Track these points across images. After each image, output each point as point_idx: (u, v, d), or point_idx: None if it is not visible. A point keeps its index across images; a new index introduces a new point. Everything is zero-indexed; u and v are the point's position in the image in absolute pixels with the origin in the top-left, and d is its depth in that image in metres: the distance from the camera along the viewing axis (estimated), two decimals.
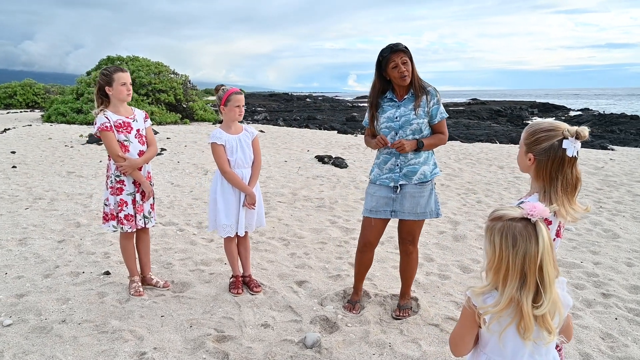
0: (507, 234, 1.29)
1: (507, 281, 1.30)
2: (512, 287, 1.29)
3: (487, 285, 1.35)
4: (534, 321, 1.30)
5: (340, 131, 16.21)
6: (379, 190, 2.95)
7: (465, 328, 1.42)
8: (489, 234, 1.35)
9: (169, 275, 3.59)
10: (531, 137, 1.77)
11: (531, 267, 1.28)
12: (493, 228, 1.34)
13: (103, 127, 2.98)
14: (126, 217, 3.10)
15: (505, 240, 1.29)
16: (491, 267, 1.34)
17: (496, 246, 1.31)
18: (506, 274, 1.30)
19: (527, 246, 1.27)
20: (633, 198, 6.59)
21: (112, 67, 3.03)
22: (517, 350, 1.36)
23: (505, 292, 1.30)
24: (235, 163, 3.17)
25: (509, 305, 1.30)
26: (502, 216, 1.33)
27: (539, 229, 1.29)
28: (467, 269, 3.91)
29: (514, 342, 1.35)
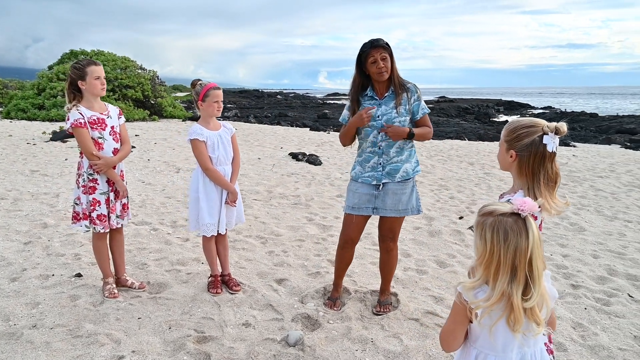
0: (499, 229, 1.32)
1: (498, 275, 1.32)
2: (503, 282, 1.31)
3: (478, 280, 1.37)
4: (523, 314, 1.33)
5: (312, 128, 16.20)
6: (361, 187, 2.95)
7: (456, 323, 1.44)
8: (479, 229, 1.37)
9: (144, 276, 3.49)
10: (512, 134, 1.81)
11: (521, 261, 1.31)
12: (484, 223, 1.36)
13: (77, 124, 2.86)
14: (99, 217, 3.00)
15: (497, 235, 1.32)
16: (482, 261, 1.36)
17: (487, 241, 1.33)
18: (497, 268, 1.32)
19: (518, 241, 1.30)
20: (596, 193, 6.87)
21: (84, 60, 2.91)
22: (508, 342, 1.39)
23: (496, 287, 1.32)
24: (217, 160, 3.11)
25: (500, 299, 1.32)
26: (493, 211, 1.35)
27: (529, 223, 1.31)
28: (443, 263, 3.98)
29: (504, 335, 1.38)
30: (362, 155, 2.97)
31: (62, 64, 16.60)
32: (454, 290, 1.48)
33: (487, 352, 1.42)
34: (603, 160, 10.15)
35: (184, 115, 17.13)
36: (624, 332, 2.91)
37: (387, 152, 2.88)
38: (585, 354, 2.65)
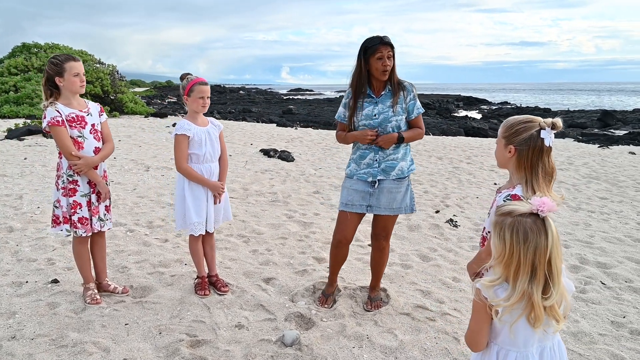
0: (518, 230, 1.34)
1: (519, 275, 1.35)
2: (523, 282, 1.34)
3: (498, 279, 1.40)
4: (543, 312, 1.37)
5: (279, 124, 16.09)
6: (356, 184, 2.94)
7: (481, 322, 1.46)
8: (498, 230, 1.39)
9: (125, 279, 3.36)
10: (510, 129, 1.86)
11: (541, 260, 1.34)
12: (502, 224, 1.38)
13: (54, 122, 2.70)
14: (80, 220, 2.85)
15: (517, 236, 1.34)
16: (501, 261, 1.38)
17: (507, 242, 1.36)
18: (517, 268, 1.35)
19: (538, 241, 1.33)
20: (558, 185, 7.17)
21: (62, 56, 2.75)
22: (528, 338, 1.43)
23: (517, 286, 1.35)
24: (204, 157, 3.03)
25: (521, 299, 1.35)
26: (511, 212, 1.38)
27: (548, 223, 1.35)
28: (426, 257, 4.05)
29: (524, 331, 1.42)
30: (357, 152, 2.96)
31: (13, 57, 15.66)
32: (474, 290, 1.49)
33: (509, 348, 1.45)
34: (561, 154, 10.62)
35: (146, 111, 16.58)
36: (601, 318, 3.06)
37: (383, 150, 2.88)
38: (569, 341, 2.77)
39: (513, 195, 1.81)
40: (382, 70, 2.78)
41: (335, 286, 3.24)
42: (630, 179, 7.79)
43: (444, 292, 3.39)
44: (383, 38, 2.78)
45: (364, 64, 2.83)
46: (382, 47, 2.76)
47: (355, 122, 2.91)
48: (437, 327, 2.88)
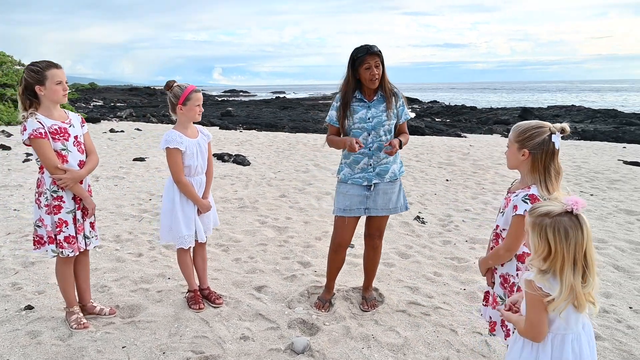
0: (559, 229, 1.47)
1: (564, 270, 1.48)
2: (569, 275, 1.48)
3: (547, 273, 1.52)
4: (584, 298, 1.51)
5: (222, 127, 15.78)
6: (352, 189, 2.99)
7: (539, 313, 1.56)
8: (538, 230, 1.51)
9: (108, 299, 3.16)
10: (523, 134, 2.01)
11: (579, 253, 1.48)
12: (542, 224, 1.51)
13: (36, 134, 2.48)
14: (67, 239, 2.64)
15: (559, 235, 1.47)
16: (544, 258, 1.51)
17: (550, 241, 1.49)
18: (562, 264, 1.48)
19: (577, 236, 1.47)
20: (502, 178, 7.74)
21: (43, 62, 2.53)
22: (576, 321, 1.57)
23: (564, 281, 1.48)
24: (195, 170, 2.93)
25: (571, 292, 1.48)
26: (549, 213, 1.51)
27: (582, 220, 1.49)
28: (404, 254, 4.20)
29: (573, 315, 1.56)
30: (350, 156, 3.00)
31: None
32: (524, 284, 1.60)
33: (563, 332, 1.58)
34: (495, 149, 11.40)
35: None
36: None
37: (376, 153, 2.95)
38: None
39: (531, 195, 1.96)
40: (370, 79, 2.87)
41: (332, 293, 3.27)
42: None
43: (430, 287, 3.55)
44: (370, 48, 2.86)
45: (352, 74, 2.92)
46: (369, 57, 2.84)
47: (348, 126, 2.96)
48: (434, 321, 3.02)
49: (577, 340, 1.59)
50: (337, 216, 3.06)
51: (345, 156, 3.05)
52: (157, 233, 4.52)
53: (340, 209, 3.01)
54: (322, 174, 7.65)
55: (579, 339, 1.59)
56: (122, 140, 10.73)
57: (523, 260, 2.06)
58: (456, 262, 4.06)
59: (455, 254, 4.22)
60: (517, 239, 2.00)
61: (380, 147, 2.94)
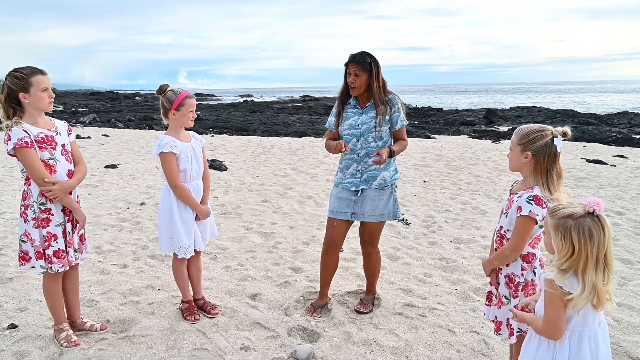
0: (584, 230, 1.52)
1: (587, 269, 1.53)
2: (592, 274, 1.52)
3: (568, 272, 1.56)
4: (604, 295, 1.56)
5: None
6: (341, 192, 3.05)
7: (558, 311, 1.59)
8: (562, 231, 1.56)
9: (97, 314, 3.03)
10: (526, 137, 2.07)
11: (601, 253, 1.54)
12: (566, 225, 1.55)
13: (22, 144, 2.35)
14: (56, 254, 2.51)
15: (583, 236, 1.52)
16: (568, 258, 1.55)
17: (574, 241, 1.53)
18: (585, 263, 1.53)
19: (600, 236, 1.52)
20: (476, 178, 7.94)
21: (27, 69, 2.40)
22: (593, 319, 1.62)
23: (586, 280, 1.53)
24: (190, 175, 2.86)
25: (593, 290, 1.53)
26: (572, 214, 1.55)
27: (603, 220, 1.54)
28: (393, 257, 4.24)
29: (591, 313, 1.60)
30: (342, 162, 3.07)
31: None
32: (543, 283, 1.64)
33: (580, 330, 1.62)
34: (466, 150, 11.70)
35: None
36: None
37: (365, 160, 2.97)
38: None
39: (534, 196, 2.02)
40: (350, 86, 2.91)
41: (326, 299, 3.25)
42: None
43: (422, 288, 3.59)
44: (353, 56, 2.89)
45: (345, 80, 2.97)
46: (351, 64, 2.88)
47: (340, 132, 3.02)
48: (431, 322, 3.06)
49: (593, 337, 1.64)
50: (328, 217, 3.09)
51: (340, 161, 3.12)
52: (139, 243, 4.38)
53: (331, 210, 3.08)
54: (302, 177, 7.63)
55: (595, 336, 1.64)
56: (90, 147, 10.35)
57: (528, 260, 2.12)
58: (444, 262, 4.13)
59: (443, 255, 4.30)
60: (522, 239, 2.05)
61: (368, 154, 2.94)
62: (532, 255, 2.12)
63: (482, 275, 3.83)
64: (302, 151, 10.66)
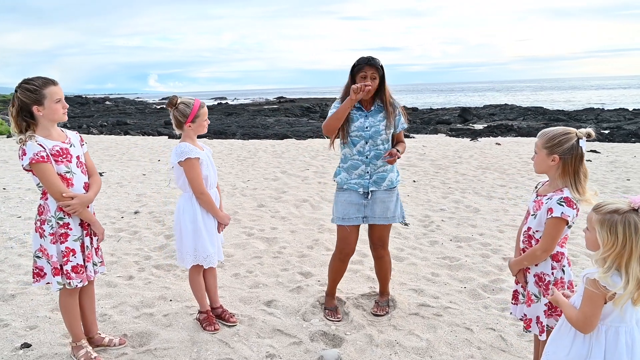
0: (630, 224, 1.59)
1: (631, 262, 1.59)
2: (637, 268, 1.59)
3: (610, 269, 1.63)
4: None
5: (170, 136, 15.24)
6: (349, 196, 3.02)
7: (597, 308, 1.66)
8: (607, 226, 1.62)
9: (112, 329, 2.96)
10: (552, 141, 2.13)
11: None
12: (612, 220, 1.61)
13: (38, 158, 2.27)
14: (74, 269, 2.44)
15: (629, 229, 1.59)
16: (612, 252, 1.61)
17: (619, 235, 1.59)
18: (629, 257, 1.59)
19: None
20: (463, 177, 8.09)
21: (39, 80, 2.32)
22: (631, 315, 1.69)
23: (631, 273, 1.59)
24: (210, 182, 2.83)
25: (637, 284, 1.59)
26: (617, 210, 1.62)
27: None
28: (398, 257, 4.29)
29: (630, 309, 1.67)
30: (348, 162, 3.03)
31: None
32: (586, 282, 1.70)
33: (617, 325, 1.69)
34: (447, 148, 11.91)
35: (7, 130, 14.29)
36: None
37: (374, 161, 3.00)
38: None
39: (565, 197, 2.08)
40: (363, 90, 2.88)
41: (336, 298, 3.28)
42: (511, 167, 9.07)
43: (432, 287, 3.65)
44: (370, 59, 2.91)
45: (351, 81, 2.96)
46: (367, 67, 2.89)
47: (347, 129, 2.97)
48: (447, 321, 3.11)
49: (629, 333, 1.71)
50: (338, 225, 3.07)
51: (343, 160, 3.07)
52: (141, 253, 4.29)
53: (339, 217, 3.04)
54: (293, 181, 7.62)
55: (631, 333, 1.71)
56: None
57: (557, 259, 2.18)
58: (448, 261, 4.20)
59: (446, 254, 4.37)
60: (554, 240, 2.11)
61: (377, 156, 2.98)
62: (561, 255, 2.19)
63: (487, 272, 3.93)
64: (288, 154, 10.64)
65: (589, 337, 1.73)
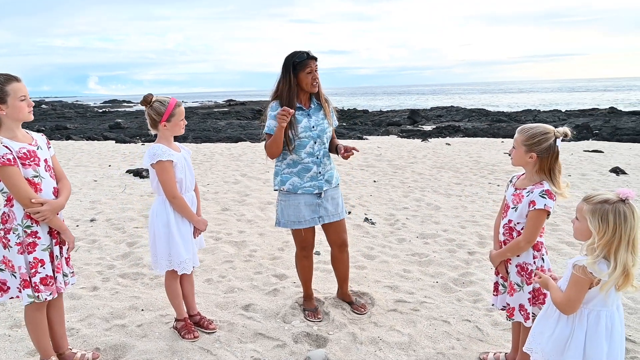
0: (619, 213, 1.71)
1: (619, 249, 1.71)
2: (624, 255, 1.70)
3: (599, 257, 1.73)
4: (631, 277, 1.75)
5: (118, 140, 14.59)
6: (303, 199, 2.98)
7: (582, 292, 1.77)
8: (599, 214, 1.73)
9: (82, 343, 2.78)
10: (532, 139, 2.23)
11: (632, 235, 1.72)
12: (603, 209, 1.72)
13: (4, 161, 2.10)
14: (43, 281, 2.26)
15: (619, 218, 1.70)
16: (603, 239, 1.71)
17: (610, 223, 1.71)
18: (619, 244, 1.71)
19: (631, 220, 1.71)
20: (420, 176, 8.33)
21: (1, 77, 2.14)
22: (613, 300, 1.81)
23: (618, 260, 1.70)
24: (185, 186, 2.73)
25: (624, 270, 1.70)
26: (607, 200, 1.74)
27: (633, 207, 1.74)
28: (369, 256, 4.34)
29: (612, 295, 1.78)
30: (298, 165, 2.96)
31: None
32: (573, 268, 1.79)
33: (599, 309, 1.80)
34: (401, 149, 12.22)
35: None
36: None
37: (323, 161, 3.02)
38: None
39: (546, 190, 2.19)
40: (312, 83, 2.91)
41: (314, 300, 3.26)
42: (464, 165, 9.46)
43: (406, 283, 3.72)
44: (309, 53, 2.90)
45: (294, 79, 2.89)
46: (311, 61, 2.89)
47: (292, 135, 2.89)
48: (425, 315, 3.18)
49: (610, 317, 1.83)
50: (292, 230, 3.06)
51: (290, 165, 2.98)
52: (104, 262, 4.06)
53: (293, 221, 2.99)
54: (254, 183, 7.52)
55: (612, 317, 1.83)
56: None
57: (538, 248, 2.29)
58: (418, 257, 4.31)
59: (414, 250, 4.48)
60: (536, 230, 2.22)
61: (325, 155, 3.01)
62: (541, 244, 2.31)
63: (455, 267, 4.06)
64: (245, 157, 10.49)
65: (572, 319, 1.84)
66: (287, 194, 2.99)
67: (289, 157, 2.97)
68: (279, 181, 3.03)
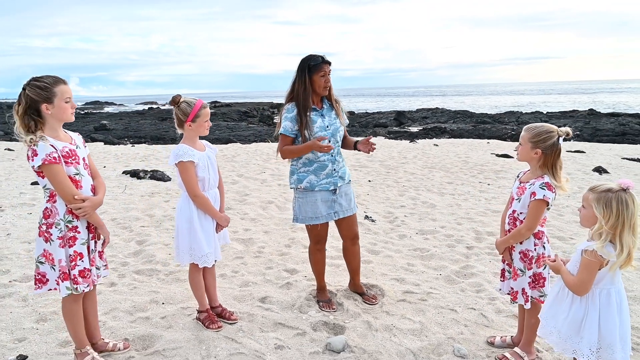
0: (622, 200, 1.92)
1: (624, 234, 1.92)
2: (628, 238, 1.92)
3: (605, 240, 1.94)
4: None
5: (106, 142, 14.52)
6: (320, 195, 3.14)
7: (593, 274, 1.97)
8: (603, 202, 1.94)
9: (110, 334, 2.89)
10: (538, 137, 2.45)
11: (633, 220, 1.94)
12: (607, 197, 1.94)
13: (51, 159, 2.21)
14: (81, 274, 2.38)
15: (621, 204, 1.92)
16: (608, 224, 1.92)
17: (613, 209, 1.92)
18: (622, 228, 1.92)
19: (632, 207, 1.93)
20: (413, 176, 8.56)
21: (49, 78, 2.26)
22: (619, 278, 2.02)
23: (624, 242, 1.92)
24: (208, 184, 2.86)
25: (628, 252, 1.92)
26: (610, 189, 1.95)
27: (633, 195, 1.96)
28: (374, 251, 4.53)
29: (618, 273, 2.00)
30: (314, 164, 3.10)
31: None
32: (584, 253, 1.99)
33: (609, 287, 2.02)
34: (391, 150, 12.46)
35: None
36: None
37: (337, 159, 3.21)
38: None
39: (546, 183, 2.40)
40: (324, 86, 3.08)
41: (328, 292, 3.43)
42: (454, 165, 9.73)
43: (411, 276, 3.92)
44: (324, 57, 3.08)
45: (309, 80, 3.06)
46: (325, 65, 3.07)
47: (308, 135, 3.05)
48: (433, 304, 3.38)
49: (618, 293, 2.05)
50: (307, 225, 3.21)
51: (307, 164, 3.11)
52: (117, 260, 4.16)
53: (310, 217, 3.14)
54: (252, 184, 7.64)
55: (619, 293, 2.05)
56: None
57: (539, 237, 2.51)
58: (420, 252, 4.51)
59: (416, 246, 4.68)
60: (536, 219, 2.43)
61: (338, 152, 3.21)
62: (542, 233, 2.52)
63: (456, 260, 4.28)
64: (239, 158, 10.59)
65: (585, 300, 2.04)
66: (304, 191, 3.14)
67: (304, 156, 3.12)
68: (295, 179, 3.17)
